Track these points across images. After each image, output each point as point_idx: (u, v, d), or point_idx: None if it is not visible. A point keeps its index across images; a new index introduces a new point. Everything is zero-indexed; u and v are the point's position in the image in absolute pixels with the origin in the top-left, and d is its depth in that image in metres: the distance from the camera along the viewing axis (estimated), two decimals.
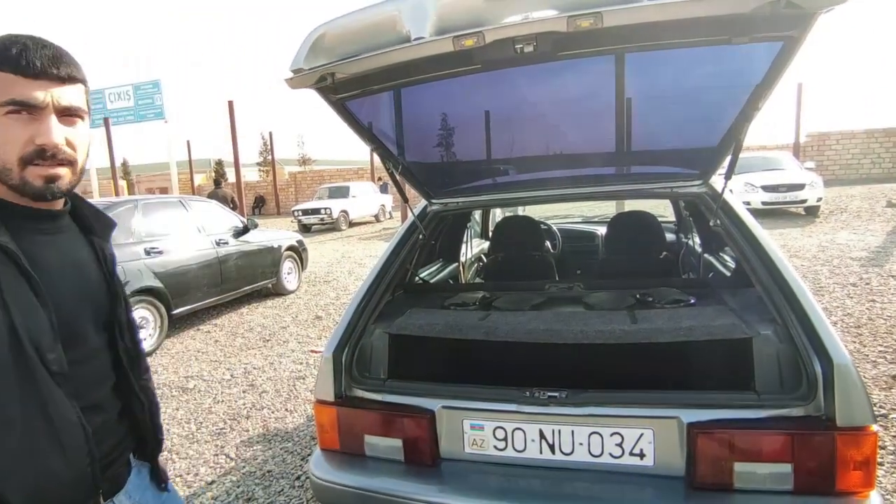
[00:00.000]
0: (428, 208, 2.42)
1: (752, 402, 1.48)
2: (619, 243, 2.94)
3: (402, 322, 1.89)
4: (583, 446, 1.56)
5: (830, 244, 8.44)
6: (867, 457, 1.39)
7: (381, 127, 2.02)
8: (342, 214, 17.16)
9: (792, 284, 1.61)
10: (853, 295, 5.51)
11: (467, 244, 3.73)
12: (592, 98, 1.99)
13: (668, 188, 2.18)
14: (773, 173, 12.02)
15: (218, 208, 6.89)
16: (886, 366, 3.71)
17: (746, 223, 1.89)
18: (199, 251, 5.98)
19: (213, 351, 5.24)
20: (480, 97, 2.01)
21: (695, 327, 1.61)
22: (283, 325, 6.01)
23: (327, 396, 1.81)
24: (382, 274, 2.08)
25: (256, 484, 2.80)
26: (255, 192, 30.06)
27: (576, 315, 1.82)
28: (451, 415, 1.66)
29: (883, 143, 19.71)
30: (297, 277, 7.94)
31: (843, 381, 1.38)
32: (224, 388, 4.22)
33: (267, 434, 3.39)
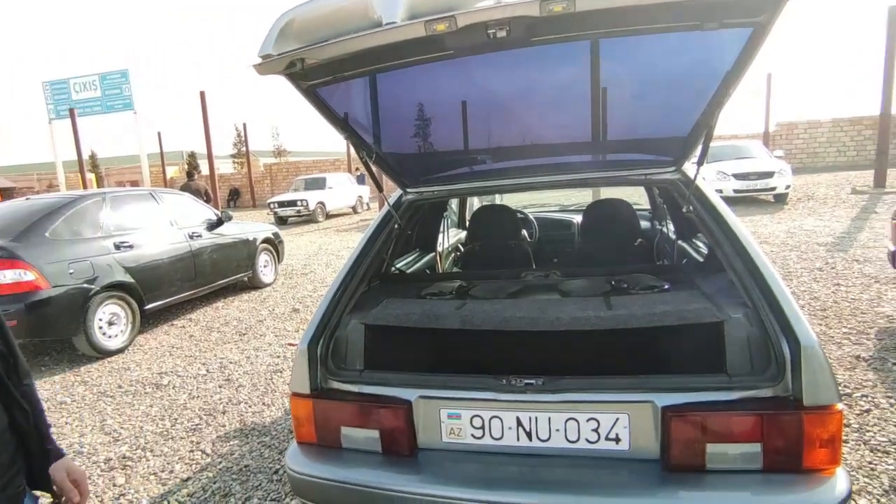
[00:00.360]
0: (403, 197, 2.40)
1: (724, 385, 1.51)
2: (594, 231, 2.96)
3: (378, 312, 1.87)
4: (559, 432, 1.57)
5: (798, 230, 8.67)
6: (833, 435, 1.43)
7: (353, 115, 1.98)
8: (319, 206, 16.96)
9: (762, 269, 1.64)
10: (819, 279, 5.67)
11: (444, 234, 3.71)
12: (567, 86, 1.98)
13: (641, 175, 2.20)
14: (744, 161, 12.27)
15: (191, 201, 6.74)
16: (850, 347, 3.84)
17: (718, 209, 1.91)
18: (171, 245, 5.84)
19: (188, 346, 5.15)
20: (455, 85, 1.99)
21: (668, 312, 1.63)
22: (259, 319, 5.93)
23: (303, 389, 1.78)
24: (357, 264, 2.06)
25: (233, 479, 2.76)
26: (229, 185, 29.50)
27: (552, 303, 1.83)
28: (428, 404, 1.66)
29: (848, 131, 20.29)
30: (273, 270, 7.83)
31: (809, 362, 1.42)
32: (199, 384, 4.15)
33: (244, 429, 3.35)
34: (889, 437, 2.66)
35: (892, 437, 2.67)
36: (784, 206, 11.59)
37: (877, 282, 5.39)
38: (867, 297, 4.95)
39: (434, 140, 2.27)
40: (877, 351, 3.73)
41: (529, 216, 4.38)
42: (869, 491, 2.29)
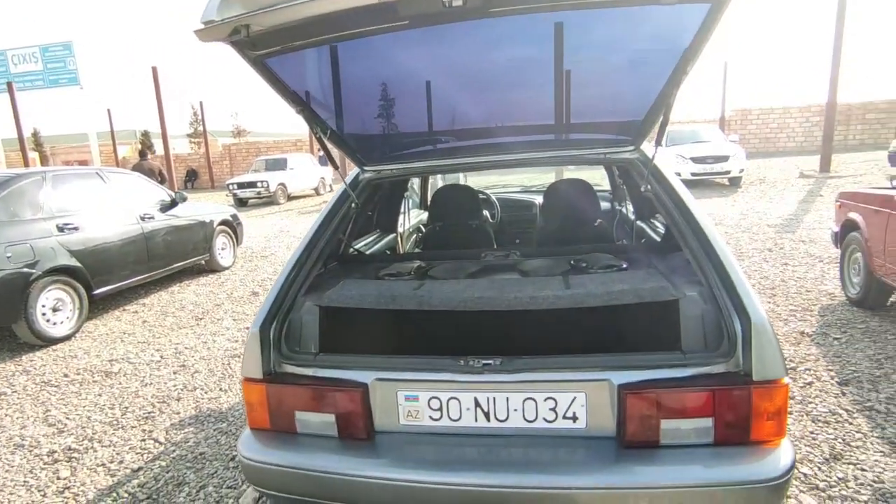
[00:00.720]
0: (360, 176, 2.32)
1: (679, 362, 1.53)
2: (554, 211, 2.96)
3: (333, 294, 1.82)
4: (517, 412, 1.57)
5: (750, 212, 8.98)
6: (779, 407, 1.47)
7: (306, 88, 1.89)
8: (280, 188, 16.54)
9: (716, 248, 1.66)
10: (769, 259, 5.90)
11: (405, 214, 3.65)
12: (528, 64, 1.94)
13: (601, 154, 2.19)
14: (702, 145, 12.60)
15: (141, 181, 6.43)
16: (796, 323, 4.01)
17: (675, 189, 1.93)
18: (121, 227, 5.57)
19: (141, 332, 4.95)
20: (415, 59, 1.92)
21: (625, 290, 1.64)
22: (217, 303, 5.76)
23: (255, 374, 1.72)
24: (313, 245, 1.99)
25: (188, 468, 2.68)
26: (186, 165, 28.38)
27: (510, 282, 1.81)
28: (385, 387, 1.62)
29: (797, 118, 21.10)
30: (231, 253, 7.60)
31: (759, 338, 1.45)
32: (152, 371, 4.00)
33: (199, 415, 3.25)
34: (829, 408, 2.80)
35: (831, 407, 2.81)
36: (738, 188, 11.98)
37: (821, 261, 5.64)
38: (812, 275, 5.17)
39: (392, 117, 2.20)
40: (819, 327, 3.91)
41: (492, 197, 4.36)
42: (810, 459, 2.40)
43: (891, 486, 2.19)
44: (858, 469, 2.31)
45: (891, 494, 2.14)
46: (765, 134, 21.36)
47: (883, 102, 20.17)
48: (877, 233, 3.85)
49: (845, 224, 4.38)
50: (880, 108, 20.23)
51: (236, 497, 2.41)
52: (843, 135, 19.71)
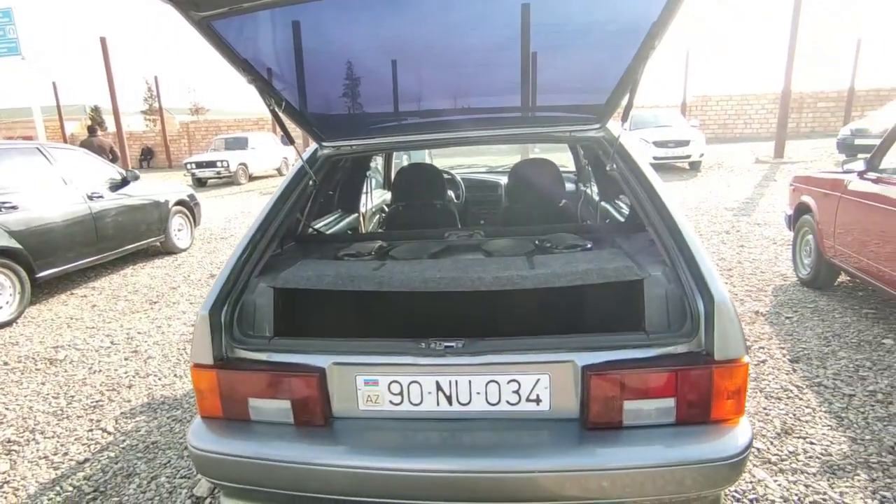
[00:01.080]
0: (318, 152, 2.22)
1: (642, 342, 1.51)
2: (519, 191, 2.92)
3: (289, 275, 1.73)
4: (480, 395, 1.53)
5: (709, 196, 9.22)
6: (739, 386, 1.48)
7: (258, 56, 1.76)
8: (241, 167, 16.00)
9: (680, 227, 1.65)
10: (726, 241, 6.06)
11: (368, 194, 3.55)
12: (494, 40, 1.87)
13: (566, 132, 2.15)
14: (664, 130, 12.82)
15: (89, 158, 6.07)
16: (751, 303, 4.13)
17: (641, 168, 1.91)
18: (66, 206, 5.26)
19: (90, 317, 4.71)
20: (378, 31, 1.82)
21: (590, 270, 1.61)
22: (172, 286, 5.54)
23: (205, 359, 1.63)
24: (268, 223, 1.89)
25: (139, 458, 2.56)
26: (141, 143, 27.12)
27: (474, 262, 1.76)
28: (343, 371, 1.56)
29: (753, 105, 21.73)
30: (189, 234, 7.32)
31: (721, 317, 1.44)
32: (102, 357, 3.81)
33: (152, 403, 3.11)
34: (781, 385, 2.89)
35: (783, 384, 2.90)
36: (698, 173, 12.28)
37: (775, 243, 5.83)
38: (766, 257, 5.34)
39: (353, 90, 2.10)
40: (773, 307, 4.04)
41: (457, 177, 4.29)
42: (763, 434, 2.47)
43: (838, 459, 2.27)
44: (808, 443, 2.39)
45: (838, 466, 2.22)
46: (723, 120, 21.93)
47: (833, 92, 20.97)
48: (827, 216, 3.98)
49: (798, 207, 4.51)
50: (830, 98, 21.03)
51: (190, 487, 2.31)
52: (795, 122, 20.44)
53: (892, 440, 2.37)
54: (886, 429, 2.46)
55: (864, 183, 3.61)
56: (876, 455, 2.28)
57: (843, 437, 2.41)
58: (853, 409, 2.64)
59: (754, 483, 2.15)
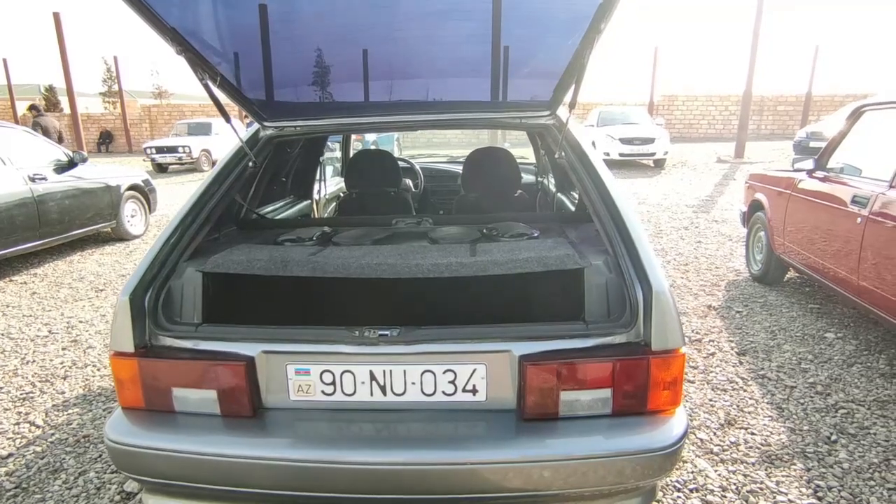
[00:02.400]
0: (260, 132, 2.12)
1: (581, 332, 1.49)
2: (474, 180, 2.88)
3: (219, 259, 1.64)
4: (415, 385, 1.48)
5: (671, 193, 9.40)
6: (675, 377, 1.47)
7: (188, 24, 1.65)
8: (203, 154, 15.52)
9: (624, 216, 1.63)
10: (685, 237, 6.18)
11: (322, 181, 3.45)
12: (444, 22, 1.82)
13: (517, 118, 2.11)
14: (630, 127, 13.03)
15: (30, 137, 5.75)
16: (704, 297, 4.21)
17: (588, 156, 1.88)
18: (4, 187, 4.96)
19: (28, 304, 4.47)
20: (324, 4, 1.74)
21: (530, 258, 1.57)
22: (122, 274, 5.30)
23: (126, 347, 1.53)
24: (200, 206, 1.79)
25: (67, 452, 2.42)
26: (99, 126, 26.00)
27: (415, 249, 1.70)
28: (273, 360, 1.48)
29: (717, 106, 22.30)
30: (143, 221, 7.04)
31: (659, 307, 1.43)
32: (37, 347, 3.61)
33: (88, 395, 2.96)
34: (727, 377, 2.94)
35: (730, 376, 2.95)
36: (662, 170, 12.51)
37: (730, 240, 5.97)
38: (721, 253, 5.46)
39: (298, 65, 2.00)
40: (725, 301, 4.13)
41: (415, 166, 4.22)
42: (707, 426, 2.51)
43: (776, 449, 2.32)
44: (749, 433, 2.44)
45: (776, 456, 2.27)
46: (689, 120, 22.43)
47: (792, 96, 21.69)
48: (778, 213, 4.08)
49: (752, 204, 4.62)
50: (789, 102, 21.75)
51: (120, 483, 2.20)
52: (756, 124, 21.06)
53: (828, 430, 2.44)
54: (824, 420, 2.53)
55: (812, 181, 3.71)
56: (813, 445, 2.34)
57: (783, 428, 2.47)
58: (794, 400, 2.71)
59: (695, 473, 2.18)
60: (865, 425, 2.47)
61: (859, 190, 3.12)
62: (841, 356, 3.15)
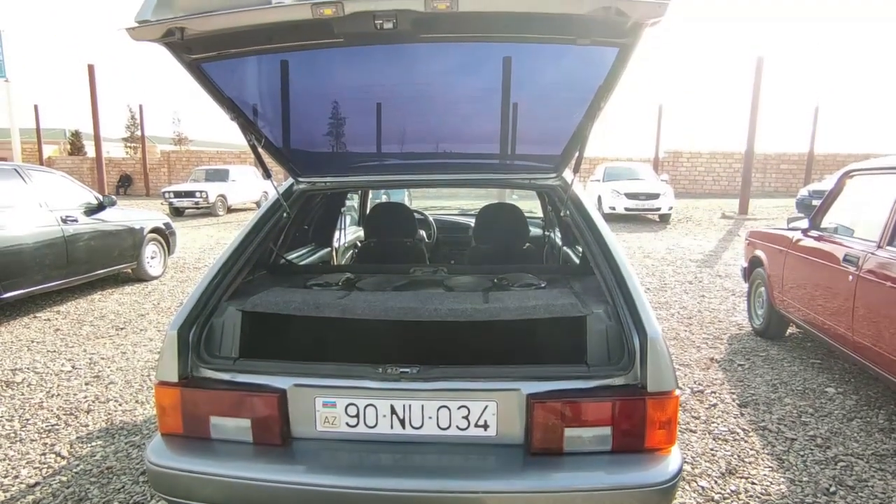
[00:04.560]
0: (294, 186, 2.35)
1: (584, 374, 1.64)
2: (485, 233, 3.09)
3: (257, 299, 1.82)
4: (432, 420, 1.62)
5: (676, 247, 9.58)
6: (670, 417, 1.60)
7: (242, 96, 1.92)
8: (220, 199, 16.02)
9: (622, 269, 1.81)
10: (689, 291, 6.31)
11: (342, 230, 3.68)
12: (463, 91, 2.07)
13: (527, 179, 2.33)
14: (636, 182, 13.37)
15: (66, 181, 6.09)
16: (707, 350, 4.31)
17: (591, 214, 2.08)
18: (38, 228, 5.24)
19: (52, 340, 4.64)
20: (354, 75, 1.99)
21: (538, 306, 1.74)
22: (141, 313, 5.49)
23: (170, 377, 1.69)
24: (240, 251, 1.99)
25: (92, 483, 2.53)
26: (120, 170, 26.93)
27: (433, 295, 1.88)
28: (303, 393, 1.64)
29: (721, 163, 22.81)
30: (161, 262, 7.29)
31: (654, 353, 1.58)
32: (61, 381, 3.75)
33: (111, 428, 3.08)
34: (728, 428, 3.02)
35: (731, 427, 3.03)
36: (667, 225, 12.74)
37: (733, 294, 6.09)
38: (725, 307, 5.58)
39: (330, 130, 2.25)
40: (727, 354, 4.22)
41: (429, 218, 4.45)
42: (709, 474, 2.58)
43: (776, 499, 2.39)
44: (749, 483, 2.51)
45: None
46: (693, 176, 22.90)
47: (795, 155, 22.20)
48: (776, 269, 4.23)
49: (752, 260, 4.78)
50: (792, 160, 22.23)
51: None
52: (760, 181, 21.47)
53: (827, 482, 2.50)
54: (823, 472, 2.59)
55: (807, 240, 3.88)
56: (812, 496, 2.40)
57: (783, 479, 2.54)
58: (794, 452, 2.77)
59: None
60: (864, 478, 2.54)
61: (850, 249, 3.28)
62: (841, 410, 3.22)
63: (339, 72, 1.95)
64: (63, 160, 28.99)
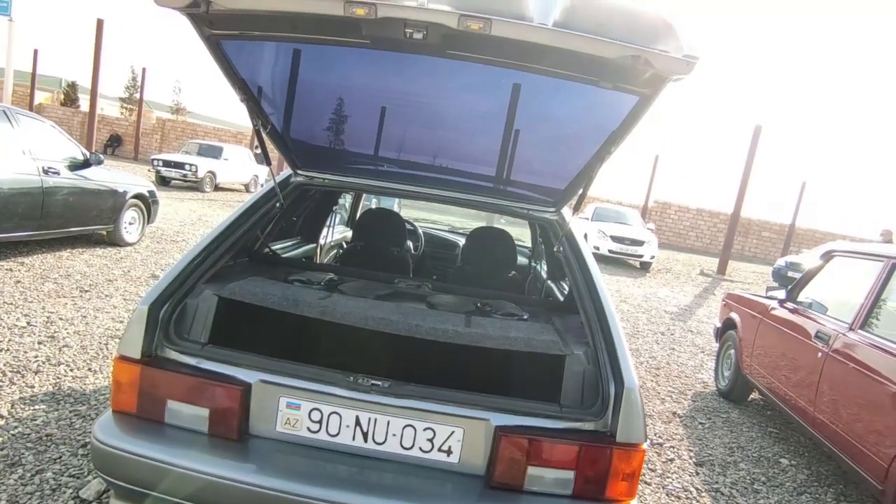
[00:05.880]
0: (292, 178, 2.31)
1: (555, 414, 1.62)
2: (473, 254, 3.08)
3: (236, 287, 1.77)
4: (395, 437, 1.58)
5: (652, 296, 9.69)
6: (634, 470, 1.59)
7: (256, 79, 1.88)
8: (209, 175, 15.77)
9: (607, 314, 1.81)
10: (660, 342, 6.37)
11: (330, 228, 3.63)
12: (477, 111, 2.07)
13: (526, 209, 2.33)
14: (622, 227, 13.56)
15: (55, 132, 5.93)
16: (671, 403, 4.33)
17: (583, 254, 2.08)
18: (16, 174, 5.07)
19: (11, 292, 4.46)
20: (371, 79, 1.98)
21: (519, 338, 1.73)
22: (109, 278, 5.33)
23: (133, 353, 1.62)
24: (226, 235, 1.94)
25: (28, 448, 2.41)
26: (111, 129, 26.41)
27: (415, 311, 1.86)
28: (268, 389, 1.59)
29: (707, 221, 23.30)
30: (139, 230, 7.11)
31: (628, 403, 1.57)
32: (13, 336, 3.60)
33: (58, 393, 2.96)
34: (682, 485, 3.03)
35: (685, 484, 3.04)
36: (647, 273, 12.92)
37: (703, 352, 6.17)
38: (692, 363, 5.64)
39: (337, 128, 2.23)
40: (690, 410, 4.26)
41: (419, 229, 4.43)
42: None
43: None
44: None
45: None
46: (678, 229, 23.33)
47: (776, 224, 22.80)
48: (748, 334, 4.30)
49: (726, 322, 4.85)
50: (773, 229, 22.83)
51: (77, 488, 2.19)
52: (740, 245, 21.95)
53: None
54: None
55: (782, 311, 3.95)
56: None
57: None
58: None
59: None
60: None
61: (823, 327, 3.35)
62: (792, 483, 3.26)
63: (354, 72, 1.93)
64: (54, 109, 28.35)
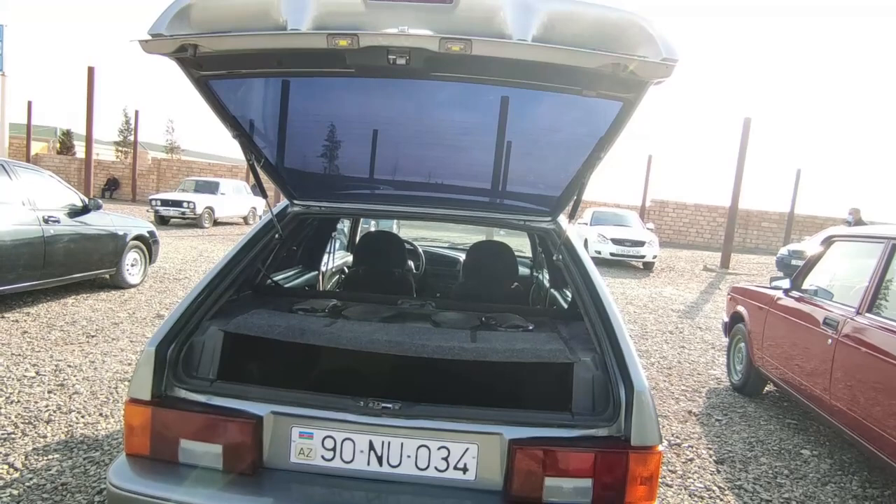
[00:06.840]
0: (289, 208, 2.33)
1: (568, 422, 1.62)
2: (474, 269, 3.09)
3: (241, 321, 1.78)
4: (410, 459, 1.58)
5: (658, 296, 9.67)
6: (652, 473, 1.58)
7: (246, 115, 1.92)
8: (207, 211, 15.89)
9: (612, 318, 1.81)
10: (669, 341, 6.34)
11: (330, 254, 3.65)
12: (466, 129, 2.10)
13: (522, 221, 2.35)
14: (622, 229, 13.58)
15: (53, 181, 5.99)
16: (686, 402, 4.30)
17: (583, 261, 2.09)
18: (18, 226, 5.12)
19: (18, 343, 4.47)
20: (359, 106, 2.02)
21: (525, 350, 1.73)
22: (115, 322, 5.34)
23: (143, 395, 1.63)
24: (228, 270, 1.95)
25: (44, 499, 2.40)
26: (108, 173, 26.67)
27: (420, 330, 1.86)
28: (280, 421, 1.59)
29: (706, 216, 23.33)
30: (141, 271, 7.14)
31: (640, 406, 1.57)
32: (23, 387, 3.60)
33: (70, 441, 2.95)
34: (704, 484, 2.99)
35: (707, 483, 3.00)
36: (650, 273, 12.89)
37: (713, 348, 6.13)
38: (704, 360, 5.61)
39: (330, 156, 2.26)
40: (705, 408, 4.22)
41: (418, 249, 4.45)
42: None
43: None
44: None
45: None
46: (678, 227, 23.35)
47: (776, 214, 22.81)
48: (757, 326, 4.28)
49: (733, 316, 4.83)
50: (773, 219, 22.84)
51: None
52: (741, 237, 21.95)
53: None
54: None
55: (788, 300, 3.94)
56: None
57: None
58: None
59: None
60: None
61: (830, 313, 3.34)
62: (816, 474, 3.22)
63: (343, 100, 1.97)
64: (50, 158, 28.64)
